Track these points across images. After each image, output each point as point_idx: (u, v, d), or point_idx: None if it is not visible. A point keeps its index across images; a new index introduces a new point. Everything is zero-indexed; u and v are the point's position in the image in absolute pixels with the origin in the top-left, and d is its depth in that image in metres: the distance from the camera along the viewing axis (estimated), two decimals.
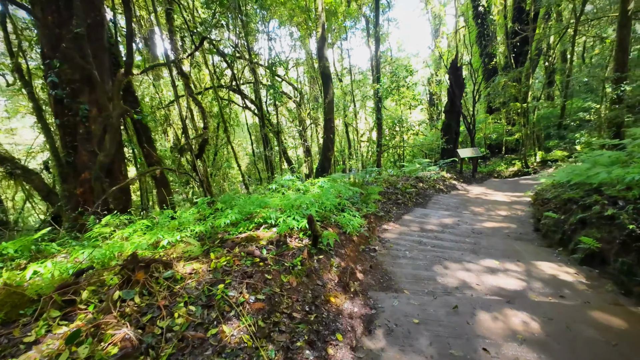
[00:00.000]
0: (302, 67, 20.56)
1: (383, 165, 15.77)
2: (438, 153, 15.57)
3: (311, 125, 14.29)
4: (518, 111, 15.39)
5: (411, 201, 7.77)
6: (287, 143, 18.54)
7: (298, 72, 20.63)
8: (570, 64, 15.02)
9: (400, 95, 12.23)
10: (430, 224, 6.10)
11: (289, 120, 16.30)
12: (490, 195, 8.76)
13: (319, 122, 21.05)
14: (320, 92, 16.01)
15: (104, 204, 5.19)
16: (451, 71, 11.51)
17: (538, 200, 6.40)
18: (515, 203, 7.63)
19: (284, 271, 2.81)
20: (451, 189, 9.61)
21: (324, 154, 10.31)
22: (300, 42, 18.64)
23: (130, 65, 5.13)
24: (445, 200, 8.18)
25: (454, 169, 11.73)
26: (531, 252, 4.42)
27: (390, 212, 6.75)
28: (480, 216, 6.68)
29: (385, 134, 12.78)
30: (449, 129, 11.78)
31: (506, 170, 15.58)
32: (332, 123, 9.90)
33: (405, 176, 9.75)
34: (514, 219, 6.32)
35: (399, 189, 8.05)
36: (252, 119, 21.58)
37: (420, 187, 8.76)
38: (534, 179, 11.55)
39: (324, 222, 4.09)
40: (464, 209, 7.30)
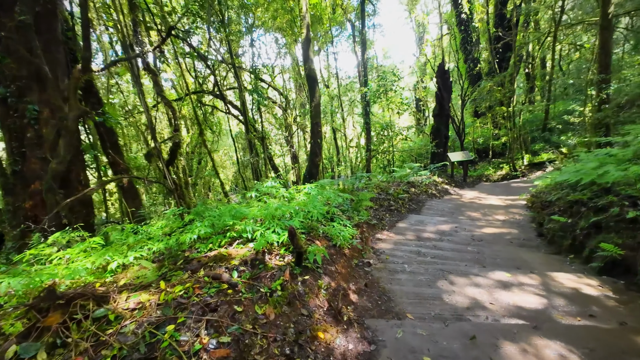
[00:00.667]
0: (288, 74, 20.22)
1: (373, 171, 15.38)
2: (427, 158, 15.33)
3: (298, 131, 13.78)
4: (504, 115, 15.43)
5: (404, 207, 7.30)
6: (274, 150, 17.95)
7: (284, 79, 20.26)
8: (552, 69, 15.23)
9: (388, 100, 11.94)
10: (427, 232, 5.62)
11: (275, 127, 15.76)
12: (485, 199, 8.42)
13: (306, 128, 20.62)
14: (307, 99, 15.62)
15: (56, 219, 4.45)
16: (439, 74, 11.33)
17: (537, 204, 6.05)
18: (512, 207, 7.28)
19: (260, 299, 2.21)
20: (444, 193, 9.24)
21: (312, 160, 9.78)
22: (287, 49, 18.33)
23: (88, 60, 4.49)
24: (439, 205, 7.76)
25: (445, 173, 11.42)
26: (541, 261, 3.97)
27: (383, 220, 6.25)
28: (478, 221, 6.26)
29: (374, 139, 12.41)
30: (438, 133, 11.52)
31: (494, 174, 15.50)
32: (319, 127, 9.43)
33: (397, 181, 9.33)
34: (513, 224, 5.93)
35: (391, 194, 7.58)
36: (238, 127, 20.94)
37: (412, 193, 8.33)
38: (524, 182, 11.38)
39: (310, 234, 3.51)
40: (460, 214, 6.89)
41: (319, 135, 9.50)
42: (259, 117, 17.11)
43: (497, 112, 15.94)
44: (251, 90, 9.15)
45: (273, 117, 17.85)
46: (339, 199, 4.84)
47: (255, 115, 15.66)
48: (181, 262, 2.78)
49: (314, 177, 9.90)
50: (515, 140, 14.30)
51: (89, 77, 5.01)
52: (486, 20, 15.51)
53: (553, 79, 15.78)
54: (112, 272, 2.79)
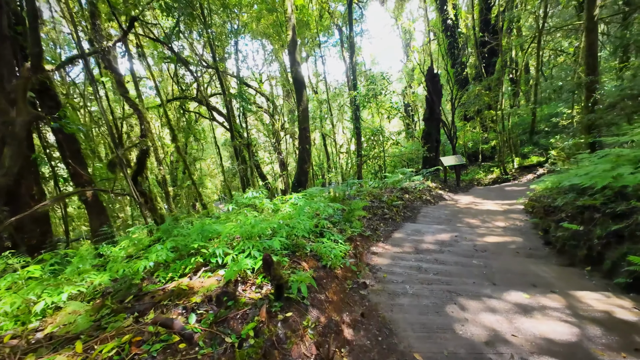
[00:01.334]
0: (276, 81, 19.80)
1: (364, 177, 14.96)
2: (419, 163, 15.03)
3: (286, 137, 13.27)
4: (493, 118, 15.37)
5: (399, 215, 6.83)
6: (262, 158, 17.36)
7: (272, 85, 19.82)
8: (537, 73, 15.31)
9: (377, 104, 11.60)
10: (425, 242, 5.14)
11: (263, 134, 15.21)
12: (481, 204, 8.05)
13: (295, 135, 20.14)
14: (295, 104, 15.19)
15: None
16: (428, 78, 11.08)
17: (539, 209, 5.68)
18: (510, 212, 6.91)
19: (224, 355, 1.64)
20: (438, 199, 8.84)
21: (300, 167, 9.26)
22: (274, 55, 17.95)
23: (38, 57, 3.88)
24: (435, 212, 7.33)
25: (437, 178, 11.08)
26: (556, 274, 3.52)
27: (377, 230, 5.74)
28: (478, 229, 5.83)
29: (365, 145, 12.02)
30: (429, 137, 11.22)
31: (485, 178, 15.32)
32: (308, 132, 8.95)
33: (389, 188, 8.88)
34: (516, 231, 5.52)
35: (385, 202, 7.11)
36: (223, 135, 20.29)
37: (406, 199, 7.88)
38: (517, 185, 11.15)
39: (295, 255, 2.96)
40: (458, 222, 6.46)
41: (308, 141, 9.01)
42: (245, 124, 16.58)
43: (485, 115, 15.90)
44: (235, 95, 8.61)
45: (261, 123, 17.32)
46: (329, 209, 4.31)
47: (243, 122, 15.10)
48: (130, 299, 2.18)
49: (302, 185, 9.36)
50: (505, 143, 14.18)
51: (44, 77, 4.39)
52: (472, 25, 15.55)
53: (538, 83, 15.86)
54: (40, 314, 2.16)
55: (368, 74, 14.15)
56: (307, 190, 6.14)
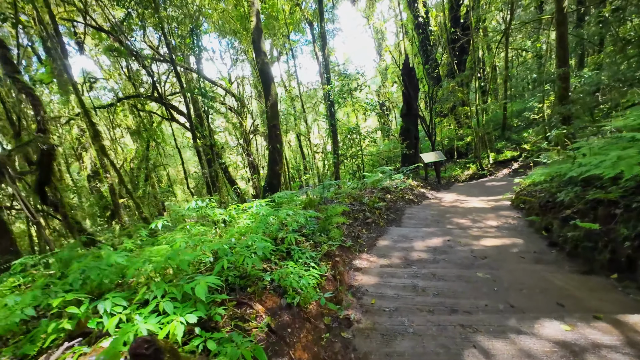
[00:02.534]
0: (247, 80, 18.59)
1: (342, 178, 14.19)
2: (396, 161, 14.53)
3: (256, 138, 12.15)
4: (467, 115, 15.27)
5: (382, 219, 6.04)
6: (234, 162, 16.05)
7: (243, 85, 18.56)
8: (506, 70, 15.42)
9: (353, 101, 10.89)
10: (415, 250, 4.36)
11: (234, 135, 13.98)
12: (466, 201, 7.50)
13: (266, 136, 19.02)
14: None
15: None
16: (404, 72, 10.54)
17: (533, 205, 5.12)
18: (498, 209, 6.37)
19: None
20: (421, 198, 8.21)
21: (271, 169, 8.26)
22: (244, 54, 16.78)
23: None
24: (420, 212, 6.64)
25: (418, 176, 10.53)
26: (580, 287, 2.84)
27: (360, 238, 4.89)
28: (470, 230, 5.17)
29: (341, 144, 11.24)
30: (408, 134, 10.66)
31: (462, 174, 15.14)
32: (278, 131, 7.98)
33: (369, 188, 8.12)
34: (512, 231, 4.91)
35: (366, 204, 6.30)
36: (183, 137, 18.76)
37: (389, 200, 7.14)
38: (496, 180, 10.88)
39: (247, 293, 2.00)
40: (447, 223, 5.78)
41: (278, 140, 8.03)
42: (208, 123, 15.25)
43: (460, 112, 15.79)
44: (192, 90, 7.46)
45: (233, 125, 16.04)
46: (300, 218, 3.38)
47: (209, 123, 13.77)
48: None
49: (275, 189, 8.36)
50: (480, 139, 14.06)
51: None
52: (443, 22, 15.38)
53: (508, 79, 16.02)
54: None
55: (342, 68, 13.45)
56: (276, 195, 5.17)
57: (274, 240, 3.09)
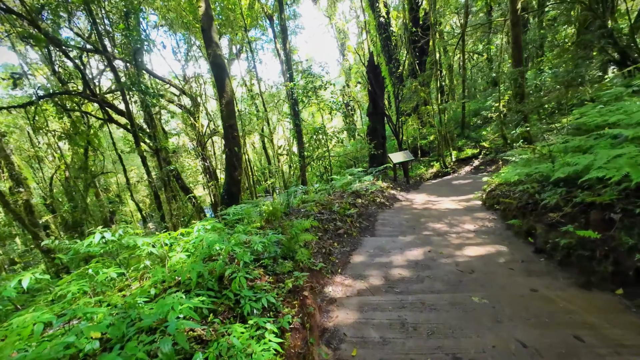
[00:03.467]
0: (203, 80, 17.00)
1: (309, 181, 13.48)
2: (364, 161, 14.19)
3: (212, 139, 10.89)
4: (429, 114, 15.47)
5: (355, 227, 5.43)
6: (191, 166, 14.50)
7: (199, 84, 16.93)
8: (463, 70, 15.90)
9: (318, 99, 10.24)
10: (395, 267, 3.78)
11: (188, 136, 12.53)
12: (437, 202, 7.22)
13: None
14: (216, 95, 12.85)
15: None
16: (369, 69, 10.14)
17: (510, 206, 4.85)
18: (472, 210, 6.12)
19: None
20: (393, 200, 7.79)
21: (229, 175, 7.26)
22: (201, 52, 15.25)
23: None
24: (394, 217, 6.16)
25: (387, 177, 10.19)
26: (592, 308, 2.42)
27: (331, 254, 4.21)
28: (449, 236, 4.75)
29: (307, 145, 10.53)
30: (375, 133, 10.28)
31: (427, 173, 15.30)
32: (236, 132, 7.01)
33: (339, 192, 7.51)
34: (491, 235, 4.57)
35: (336, 212, 5.64)
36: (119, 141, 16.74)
37: (360, 205, 6.57)
38: (461, 178, 10.96)
39: None
40: (423, 228, 5.34)
41: (236, 142, 7.07)
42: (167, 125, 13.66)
43: (422, 111, 15.97)
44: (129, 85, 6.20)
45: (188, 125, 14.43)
46: (258, 246, 2.58)
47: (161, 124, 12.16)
48: None
49: (234, 198, 7.38)
50: (443, 138, 14.28)
51: None
52: (404, 22, 15.40)
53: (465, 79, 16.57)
54: None
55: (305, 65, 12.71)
56: (231, 210, 4.29)
57: (219, 279, 2.26)
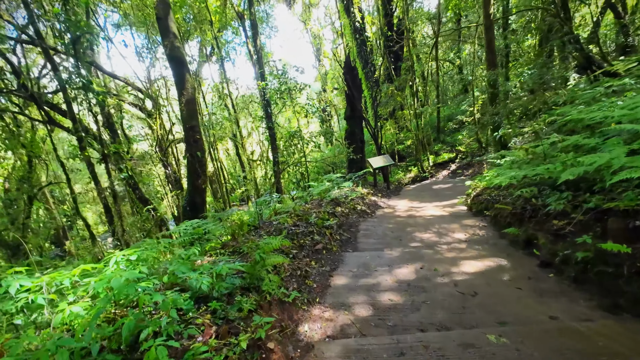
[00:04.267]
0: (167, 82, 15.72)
1: (285, 188, 12.68)
2: (342, 167, 13.67)
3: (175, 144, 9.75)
4: (406, 118, 15.36)
5: (335, 241, 4.75)
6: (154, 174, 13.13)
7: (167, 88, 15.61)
8: (437, 76, 16.04)
9: (293, 102, 9.58)
10: (384, 290, 3.13)
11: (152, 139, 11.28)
12: (421, 209, 6.74)
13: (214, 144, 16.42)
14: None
15: None
16: (346, 71, 9.67)
17: (503, 212, 4.41)
18: (458, 217, 5.68)
19: None
20: (375, 207, 7.23)
21: (192, 184, 6.32)
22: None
23: None
24: (377, 227, 5.55)
25: (367, 182, 9.67)
26: (637, 346, 1.90)
27: (308, 277, 3.47)
28: (439, 248, 4.21)
29: (283, 150, 9.79)
30: (353, 137, 9.77)
31: (405, 177, 15.10)
32: (198, 135, 6.12)
33: (316, 200, 6.82)
34: (485, 246, 4.09)
35: (314, 223, 4.93)
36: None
37: (340, 214, 5.91)
38: (442, 182, 10.71)
39: None
40: (410, 239, 4.77)
41: (199, 147, 6.17)
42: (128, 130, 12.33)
43: (399, 116, 15.84)
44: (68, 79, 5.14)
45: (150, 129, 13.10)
46: (203, 282, 1.80)
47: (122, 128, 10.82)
48: None
49: (198, 209, 6.44)
50: (420, 142, 14.16)
51: None
52: (379, 27, 15.29)
53: (439, 85, 16.74)
54: None
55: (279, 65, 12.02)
56: (182, 227, 3.44)
57: (129, 349, 1.45)
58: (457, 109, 15.88)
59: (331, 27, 25.97)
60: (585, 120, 4.77)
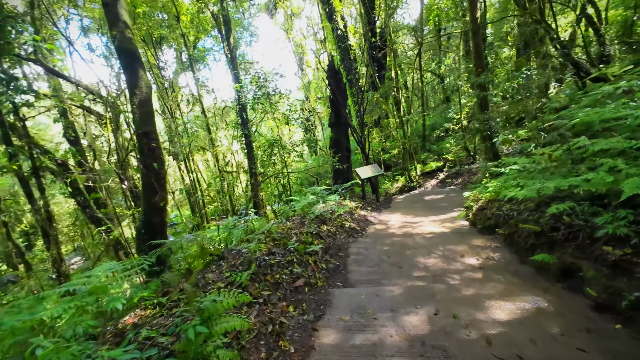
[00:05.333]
0: None
1: (266, 202, 11.59)
2: (328, 177, 12.78)
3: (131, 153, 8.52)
4: (391, 126, 14.84)
5: (320, 271, 3.76)
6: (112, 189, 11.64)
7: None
8: (421, 85, 15.74)
9: (272, 108, 8.68)
10: (389, 355, 2.18)
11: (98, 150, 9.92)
12: (417, 224, 5.91)
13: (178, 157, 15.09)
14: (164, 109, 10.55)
15: None
16: (330, 75, 8.93)
17: (526, 233, 3.62)
18: (462, 235, 4.88)
19: None
20: (365, 224, 6.33)
21: (147, 202, 5.18)
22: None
23: None
24: (370, 250, 4.63)
25: (354, 194, 8.81)
26: None
27: (282, 335, 2.46)
28: (452, 280, 3.33)
29: (263, 160, 8.79)
30: (338, 146, 8.94)
31: (392, 187, 14.44)
32: (153, 142, 5.04)
33: (299, 217, 5.85)
34: (508, 276, 3.25)
35: (295, 249, 3.93)
36: None
37: (326, 234, 4.96)
38: (433, 193, 10.01)
39: None
40: (412, 266, 3.87)
41: (155, 157, 5.09)
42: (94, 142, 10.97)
43: (384, 124, 15.30)
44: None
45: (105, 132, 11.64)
46: None
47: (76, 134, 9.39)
48: None
49: (156, 232, 5.30)
50: (407, 151, 13.59)
51: None
52: (364, 34, 14.86)
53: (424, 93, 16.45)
54: None
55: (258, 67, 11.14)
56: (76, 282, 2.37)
57: None
58: (441, 118, 15.56)
59: (314, 37, 25.66)
60: (596, 123, 4.21)
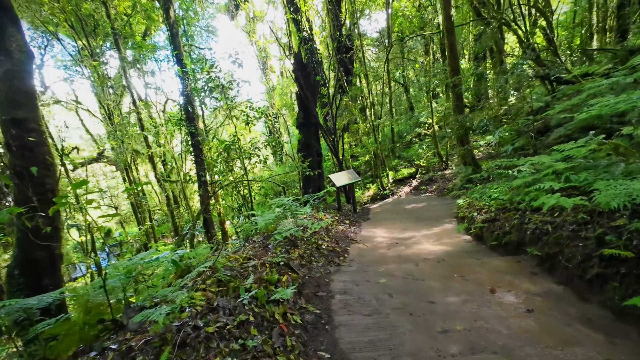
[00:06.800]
0: None
1: (224, 216, 9.74)
2: (296, 186, 11.38)
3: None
4: (361, 132, 14.02)
5: (292, 336, 2.32)
6: None
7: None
8: (390, 90, 15.28)
9: (228, 103, 7.13)
10: None
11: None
12: (410, 242, 4.75)
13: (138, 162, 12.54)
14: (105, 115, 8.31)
15: None
16: (297, 68, 7.68)
17: (582, 254, 2.60)
18: (472, 255, 3.80)
19: None
20: (345, 243, 5.00)
21: (22, 227, 3.30)
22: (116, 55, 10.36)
23: None
24: (361, 286, 3.28)
25: (327, 204, 7.50)
26: None
27: None
28: (494, 333, 2.13)
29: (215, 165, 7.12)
30: (308, 149, 7.64)
31: (364, 196, 13.52)
32: (31, 134, 3.23)
33: (261, 238, 4.35)
34: (581, 327, 2.14)
35: (253, 298, 2.43)
36: None
37: (298, 263, 3.53)
38: (411, 201, 9.10)
39: None
40: (428, 311, 2.61)
41: (36, 157, 3.27)
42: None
43: (353, 129, 14.44)
44: None
45: None
46: None
47: None
48: None
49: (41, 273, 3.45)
50: (378, 157, 12.79)
51: None
52: (331, 34, 14.00)
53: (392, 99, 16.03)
54: None
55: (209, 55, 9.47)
56: None
57: None
58: (406, 125, 15.20)
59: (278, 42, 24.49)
60: (606, 116, 3.55)
